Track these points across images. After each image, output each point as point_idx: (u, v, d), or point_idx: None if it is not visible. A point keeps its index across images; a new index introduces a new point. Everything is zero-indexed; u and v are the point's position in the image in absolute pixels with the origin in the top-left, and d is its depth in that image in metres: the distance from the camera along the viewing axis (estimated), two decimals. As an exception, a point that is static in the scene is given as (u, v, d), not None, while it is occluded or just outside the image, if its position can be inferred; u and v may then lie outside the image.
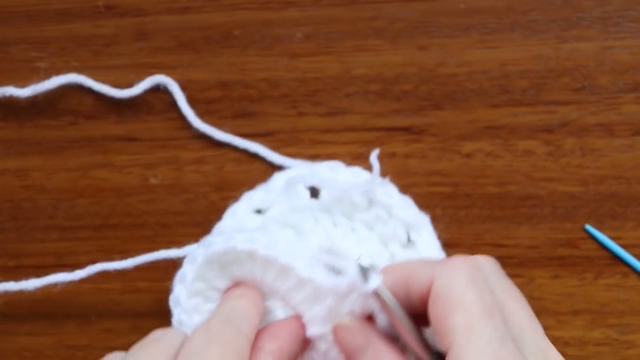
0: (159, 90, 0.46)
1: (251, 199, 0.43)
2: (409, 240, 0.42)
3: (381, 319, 0.33)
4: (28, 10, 0.48)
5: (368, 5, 0.46)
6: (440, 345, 0.30)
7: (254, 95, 0.46)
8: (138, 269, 0.44)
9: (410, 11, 0.46)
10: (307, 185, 0.43)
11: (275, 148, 0.46)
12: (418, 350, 0.32)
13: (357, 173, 0.43)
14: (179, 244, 0.45)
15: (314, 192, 0.43)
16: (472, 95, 0.45)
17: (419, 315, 0.32)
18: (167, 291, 0.40)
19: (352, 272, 0.33)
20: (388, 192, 0.43)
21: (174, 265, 0.42)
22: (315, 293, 0.36)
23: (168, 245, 0.45)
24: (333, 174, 0.43)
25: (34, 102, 0.47)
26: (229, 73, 0.46)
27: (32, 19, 0.47)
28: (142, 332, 0.44)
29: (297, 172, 0.43)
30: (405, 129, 0.45)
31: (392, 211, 0.42)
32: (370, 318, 0.34)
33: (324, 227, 0.42)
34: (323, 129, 0.46)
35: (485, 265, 0.33)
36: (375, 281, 0.32)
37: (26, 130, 0.47)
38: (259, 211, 0.43)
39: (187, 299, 0.38)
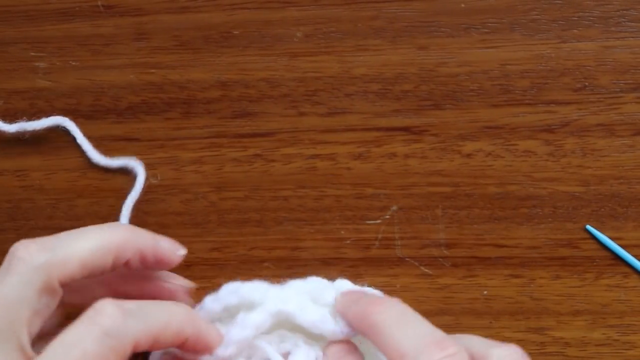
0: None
1: None
2: None
3: None
4: (27, 10, 0.47)
5: (368, 5, 0.46)
6: None
7: (254, 95, 0.46)
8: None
9: (410, 11, 0.46)
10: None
11: (275, 148, 0.46)
12: None
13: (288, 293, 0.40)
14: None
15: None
16: (472, 95, 0.45)
17: None
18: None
19: None
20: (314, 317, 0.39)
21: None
22: None
23: (167, 245, 0.45)
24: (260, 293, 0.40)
25: (32, 103, 0.47)
26: (228, 73, 0.46)
27: (31, 19, 0.47)
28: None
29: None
30: (405, 129, 0.45)
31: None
32: None
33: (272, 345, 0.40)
34: (323, 128, 0.46)
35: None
36: None
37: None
38: None
39: None
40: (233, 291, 0.39)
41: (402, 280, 0.44)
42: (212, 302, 0.39)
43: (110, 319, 0.32)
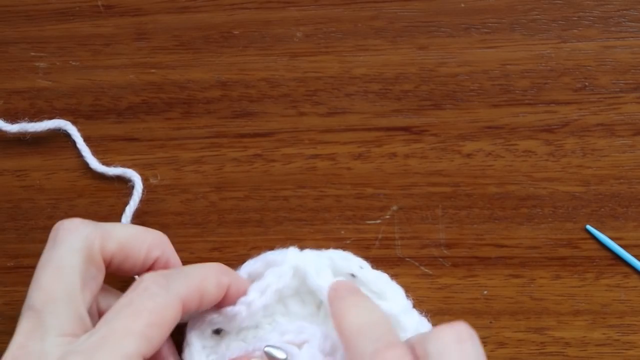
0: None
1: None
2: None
3: None
4: (27, 10, 0.47)
5: (368, 5, 0.46)
6: None
7: (254, 95, 0.46)
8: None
9: (410, 11, 0.46)
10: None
11: (275, 148, 0.46)
12: None
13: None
14: (179, 244, 0.45)
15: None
16: (472, 95, 0.45)
17: None
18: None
19: None
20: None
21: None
22: None
23: (168, 245, 0.45)
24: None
25: (32, 103, 0.47)
26: (229, 73, 0.46)
27: (31, 19, 0.47)
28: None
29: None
30: (405, 129, 0.45)
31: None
32: None
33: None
34: (323, 128, 0.46)
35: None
36: None
37: (25, 130, 0.47)
38: (217, 332, 0.41)
39: None
40: (257, 259, 0.42)
41: (402, 280, 0.44)
42: (238, 271, 0.41)
43: (154, 283, 0.34)
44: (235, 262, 0.45)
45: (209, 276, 0.37)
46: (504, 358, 0.43)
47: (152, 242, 0.38)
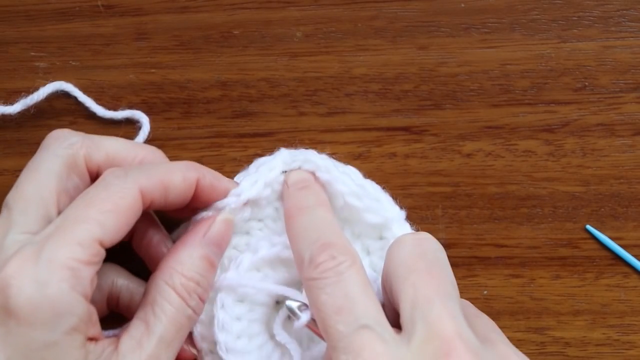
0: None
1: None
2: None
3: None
4: (27, 10, 0.47)
5: (368, 5, 0.46)
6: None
7: (254, 95, 0.46)
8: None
9: (410, 11, 0.46)
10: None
11: (275, 148, 0.45)
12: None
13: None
14: (179, 244, 0.45)
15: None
16: (472, 95, 0.45)
17: None
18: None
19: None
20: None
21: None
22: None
23: (167, 245, 0.45)
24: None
25: (33, 102, 0.47)
26: (228, 73, 0.46)
27: (31, 19, 0.47)
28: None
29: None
30: (405, 129, 0.45)
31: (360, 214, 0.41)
32: None
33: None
34: (323, 128, 0.46)
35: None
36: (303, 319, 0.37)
37: (25, 130, 0.47)
38: None
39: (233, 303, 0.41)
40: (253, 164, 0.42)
41: (402, 280, 0.44)
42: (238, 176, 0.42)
43: (111, 175, 0.36)
44: (235, 262, 0.45)
45: (173, 170, 0.37)
46: (504, 358, 0.43)
47: (144, 154, 0.40)
